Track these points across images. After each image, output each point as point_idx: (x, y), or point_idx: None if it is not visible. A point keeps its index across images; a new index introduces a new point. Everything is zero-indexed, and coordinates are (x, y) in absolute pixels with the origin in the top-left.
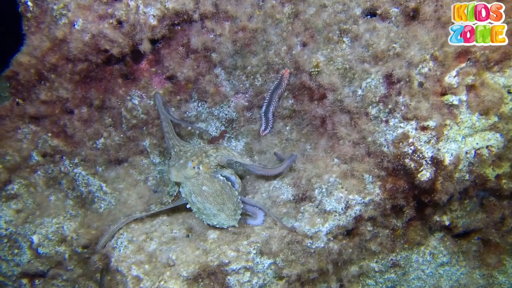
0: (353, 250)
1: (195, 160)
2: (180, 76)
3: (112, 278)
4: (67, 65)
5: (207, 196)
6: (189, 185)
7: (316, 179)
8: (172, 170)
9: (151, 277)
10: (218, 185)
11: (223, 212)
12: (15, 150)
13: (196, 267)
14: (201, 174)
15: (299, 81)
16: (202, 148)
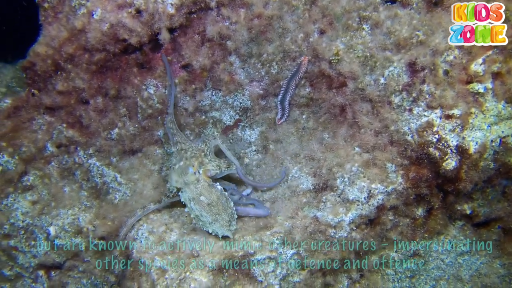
0: (374, 240)
1: (195, 163)
2: (195, 64)
3: (134, 269)
4: (84, 55)
5: (204, 206)
6: (189, 191)
7: (337, 168)
8: (173, 175)
9: (176, 267)
10: (215, 196)
11: (218, 222)
12: (31, 141)
13: (221, 258)
14: (200, 182)
15: (317, 69)
16: (199, 148)
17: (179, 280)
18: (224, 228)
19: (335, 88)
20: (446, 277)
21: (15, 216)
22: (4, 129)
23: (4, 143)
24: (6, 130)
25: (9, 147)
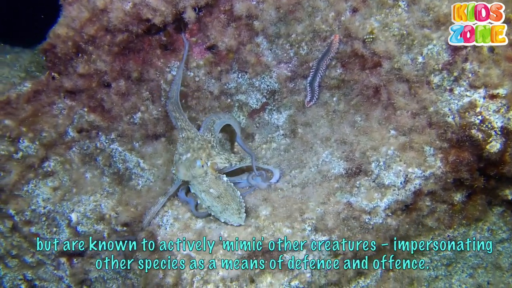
0: (410, 226)
1: (203, 156)
2: (221, 45)
3: (160, 256)
4: (105, 36)
5: (214, 197)
6: (197, 185)
7: (372, 152)
8: (181, 168)
9: (203, 255)
10: (223, 187)
11: (228, 211)
12: (51, 126)
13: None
14: (208, 175)
15: (350, 49)
16: (206, 139)
17: (207, 268)
18: (235, 217)
19: (369, 68)
20: (484, 265)
21: (36, 202)
22: (24, 113)
23: (25, 128)
24: (26, 115)
25: (29, 132)
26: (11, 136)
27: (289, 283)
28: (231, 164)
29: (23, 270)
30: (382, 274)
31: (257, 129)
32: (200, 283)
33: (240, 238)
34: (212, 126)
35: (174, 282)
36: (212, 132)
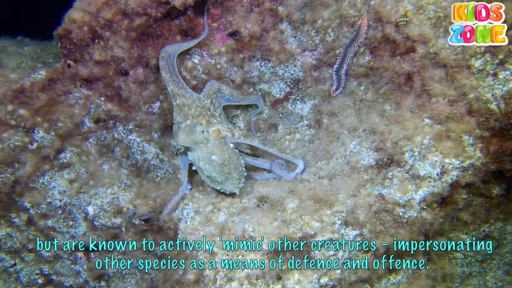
0: (444, 220)
1: (203, 122)
2: (244, 31)
3: (180, 251)
4: (123, 20)
5: (215, 166)
6: (198, 151)
7: (405, 142)
8: (180, 133)
9: (226, 250)
10: (227, 154)
11: (228, 181)
12: (67, 116)
13: (277, 239)
14: (210, 141)
15: (380, 34)
16: (204, 104)
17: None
18: (233, 186)
19: (400, 54)
20: None
21: (52, 195)
22: (39, 102)
23: (40, 118)
24: (41, 104)
25: (44, 122)
26: (25, 126)
27: (318, 280)
28: (233, 135)
29: (40, 265)
30: (414, 271)
31: (280, 119)
32: (224, 281)
33: (266, 232)
34: (214, 94)
35: (195, 279)
36: (212, 101)
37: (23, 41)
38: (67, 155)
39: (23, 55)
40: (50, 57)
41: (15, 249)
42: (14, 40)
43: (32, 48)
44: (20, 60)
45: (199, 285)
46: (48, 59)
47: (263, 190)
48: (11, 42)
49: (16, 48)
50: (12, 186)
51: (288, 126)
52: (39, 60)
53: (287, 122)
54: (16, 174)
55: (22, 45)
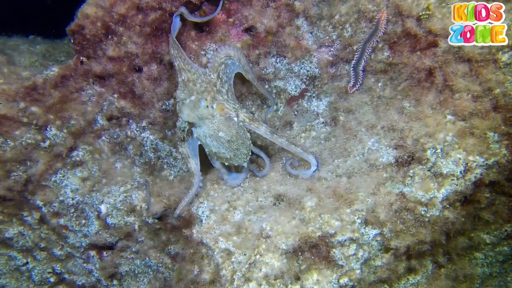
0: (466, 220)
1: (208, 98)
2: (260, 27)
3: (195, 251)
4: (137, 15)
5: (223, 142)
6: (205, 127)
7: (427, 139)
8: (184, 109)
9: (243, 250)
10: (234, 129)
11: (237, 157)
12: (80, 114)
13: (296, 239)
14: (216, 117)
15: (400, 29)
16: (210, 79)
17: (249, 264)
18: (242, 160)
19: (421, 49)
20: None
21: (65, 193)
22: (52, 100)
23: (52, 116)
24: (54, 101)
25: (57, 120)
26: (37, 124)
27: (338, 280)
28: (238, 116)
29: (52, 263)
30: (433, 271)
31: (296, 117)
32: (241, 281)
33: (284, 231)
34: (222, 64)
35: (211, 278)
36: (219, 74)
37: (35, 40)
38: (79, 153)
39: (35, 54)
40: (62, 55)
41: (27, 247)
42: (26, 39)
43: (44, 47)
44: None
45: (215, 285)
46: (60, 57)
47: (280, 188)
48: (23, 41)
49: (28, 46)
50: (25, 184)
51: (304, 123)
52: (51, 58)
53: (302, 119)
54: (28, 172)
55: (34, 43)
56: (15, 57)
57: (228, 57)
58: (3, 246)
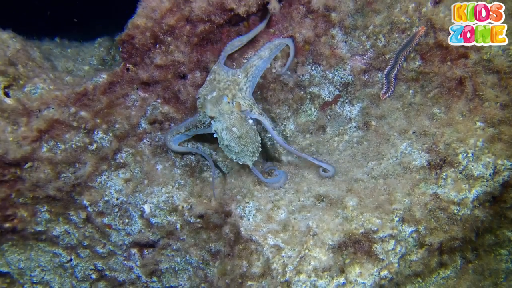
0: (493, 218)
1: (229, 95)
2: (298, 37)
3: (245, 247)
4: (185, 26)
5: (234, 137)
6: (223, 121)
7: (458, 144)
8: (208, 104)
9: (292, 245)
10: (245, 129)
11: (243, 153)
12: (124, 118)
13: (341, 235)
14: (234, 113)
15: (433, 41)
16: (235, 79)
17: (300, 258)
18: (247, 158)
19: (451, 60)
20: None
21: (110, 194)
22: (100, 105)
23: (99, 120)
24: (102, 107)
25: (103, 124)
26: (86, 127)
27: (378, 273)
28: (251, 110)
29: (94, 260)
30: (462, 266)
31: (329, 121)
32: (293, 273)
33: (329, 228)
34: (252, 67)
35: (261, 272)
36: (248, 73)
37: (63, 43)
38: (123, 155)
39: (67, 57)
40: (94, 59)
41: (71, 245)
42: (55, 42)
43: (75, 50)
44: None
45: (265, 278)
46: (92, 60)
47: (320, 189)
48: (54, 45)
49: (60, 50)
50: (73, 185)
51: (336, 127)
52: (84, 62)
53: (335, 124)
54: (76, 174)
55: (65, 47)
56: (53, 62)
57: (260, 58)
58: (49, 243)
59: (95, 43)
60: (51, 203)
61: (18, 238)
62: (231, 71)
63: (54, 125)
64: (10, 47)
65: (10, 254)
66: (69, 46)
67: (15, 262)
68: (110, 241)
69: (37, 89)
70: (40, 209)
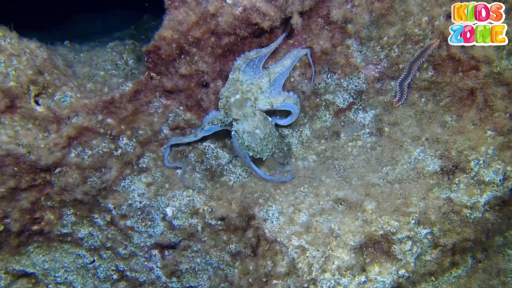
0: (502, 221)
1: (252, 98)
2: (316, 47)
3: (269, 248)
4: (210, 38)
5: (256, 139)
6: (245, 124)
7: (470, 151)
8: (233, 108)
9: (316, 246)
10: (268, 128)
11: (263, 151)
12: (147, 124)
13: (362, 237)
14: (256, 115)
15: (446, 53)
16: (258, 83)
17: (325, 258)
18: (266, 154)
19: (462, 71)
20: None
21: (133, 197)
22: (126, 112)
23: (124, 126)
24: (127, 114)
25: (128, 130)
26: (112, 134)
27: (397, 272)
28: (272, 107)
29: (116, 261)
30: (473, 265)
31: (343, 127)
32: (319, 272)
33: (351, 230)
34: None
35: (286, 271)
36: (270, 78)
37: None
38: (145, 160)
39: (82, 62)
40: (107, 64)
41: (95, 247)
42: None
43: (87, 55)
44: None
45: (290, 277)
46: (106, 65)
47: (338, 193)
48: (67, 49)
49: (74, 55)
50: (99, 189)
51: (350, 133)
52: (98, 67)
53: (348, 129)
54: (102, 178)
55: (77, 51)
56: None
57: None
58: (73, 245)
59: (107, 47)
60: (77, 206)
61: (43, 240)
62: (253, 76)
63: (82, 132)
64: (39, 57)
65: (36, 256)
66: (81, 50)
67: (40, 263)
68: (132, 242)
69: (66, 97)
70: (66, 212)
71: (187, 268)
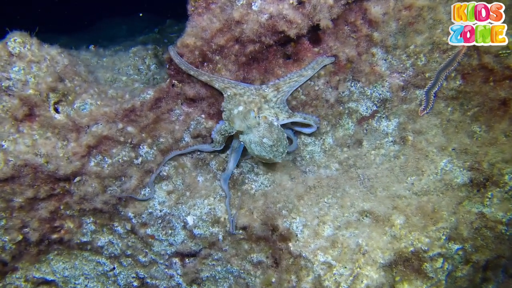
0: None
1: (255, 109)
2: (342, 55)
3: (294, 262)
4: (234, 46)
5: (265, 147)
6: (251, 135)
7: (504, 164)
8: (236, 120)
9: (343, 263)
10: (276, 134)
11: (274, 157)
12: (168, 132)
13: (392, 254)
14: (261, 125)
15: (476, 62)
16: (261, 93)
17: (353, 277)
18: (279, 159)
19: (494, 81)
20: None
21: (153, 206)
22: (147, 121)
23: (145, 134)
24: (148, 122)
25: (148, 138)
26: (132, 142)
27: None
28: (278, 119)
29: (136, 269)
30: (504, 280)
31: (365, 135)
32: None
33: (380, 247)
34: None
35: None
36: (278, 89)
37: (98, 51)
38: (166, 168)
39: (105, 67)
40: (130, 68)
41: (115, 254)
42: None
43: (110, 60)
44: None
45: None
46: (128, 70)
47: (363, 205)
48: (90, 54)
49: (97, 60)
50: (119, 198)
51: (373, 141)
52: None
53: (371, 138)
54: (122, 187)
55: (100, 56)
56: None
57: (301, 76)
58: (93, 253)
59: (130, 52)
60: (97, 215)
61: (63, 248)
62: (253, 86)
63: (102, 141)
64: (59, 63)
65: (56, 263)
66: (104, 55)
67: (60, 270)
68: (152, 250)
69: (86, 105)
70: (86, 220)
71: (208, 276)
